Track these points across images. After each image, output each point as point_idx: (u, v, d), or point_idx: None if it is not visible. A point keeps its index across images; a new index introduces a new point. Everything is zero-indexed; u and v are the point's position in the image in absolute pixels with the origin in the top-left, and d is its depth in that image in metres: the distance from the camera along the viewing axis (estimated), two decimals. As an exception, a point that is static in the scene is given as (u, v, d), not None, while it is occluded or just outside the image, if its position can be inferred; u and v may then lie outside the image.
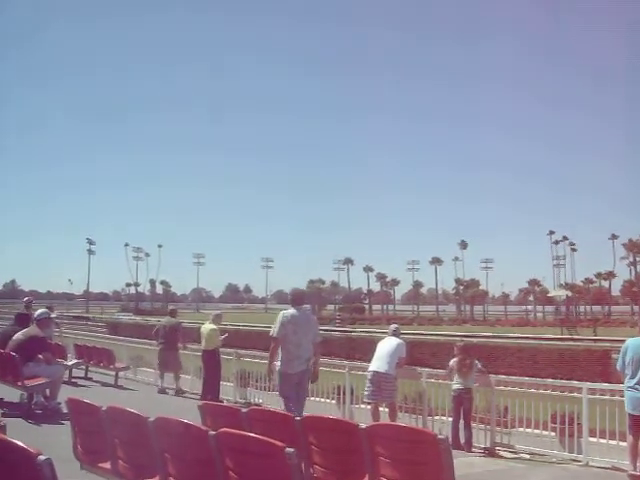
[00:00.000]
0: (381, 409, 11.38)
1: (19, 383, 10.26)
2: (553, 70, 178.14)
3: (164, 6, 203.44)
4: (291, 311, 9.36)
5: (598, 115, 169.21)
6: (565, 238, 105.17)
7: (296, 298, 9.73)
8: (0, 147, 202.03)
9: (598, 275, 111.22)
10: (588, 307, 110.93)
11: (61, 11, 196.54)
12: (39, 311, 11.71)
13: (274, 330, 9.26)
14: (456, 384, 10.76)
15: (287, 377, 9.28)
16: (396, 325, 12.47)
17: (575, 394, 9.98)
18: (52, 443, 5.04)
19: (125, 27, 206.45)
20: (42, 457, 2.90)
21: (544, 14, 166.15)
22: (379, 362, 11.17)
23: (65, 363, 14.69)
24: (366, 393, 11.34)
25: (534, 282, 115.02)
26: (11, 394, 10.85)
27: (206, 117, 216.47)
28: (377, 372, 11.09)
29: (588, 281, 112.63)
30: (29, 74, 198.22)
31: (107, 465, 4.92)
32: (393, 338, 11.54)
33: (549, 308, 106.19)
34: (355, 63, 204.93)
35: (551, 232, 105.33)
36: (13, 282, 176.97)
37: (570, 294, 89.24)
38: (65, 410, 7.90)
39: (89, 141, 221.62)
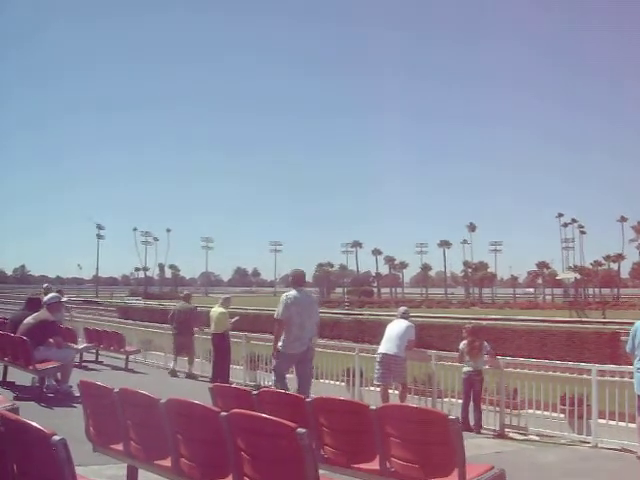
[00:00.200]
0: (390, 391, 11.41)
1: (30, 367, 10.32)
2: (555, 63, 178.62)
3: (165, 6, 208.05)
4: (293, 293, 9.39)
5: (604, 101, 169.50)
6: (574, 221, 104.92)
7: (297, 279, 9.78)
8: (13, 140, 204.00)
9: (607, 258, 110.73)
10: (597, 290, 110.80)
11: (62, 11, 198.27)
12: (49, 295, 11.75)
13: (278, 312, 9.31)
14: (466, 366, 10.76)
15: (288, 357, 9.40)
16: (405, 307, 12.47)
17: (584, 376, 9.98)
18: (64, 425, 5.09)
19: (126, 27, 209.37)
20: (57, 437, 2.93)
21: (548, 14, 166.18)
22: (388, 344, 11.17)
23: (76, 347, 14.75)
24: (376, 375, 11.36)
25: (543, 265, 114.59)
26: (23, 378, 10.92)
27: (215, 109, 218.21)
28: (386, 354, 11.11)
29: (597, 264, 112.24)
30: (41, 72, 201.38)
31: (119, 447, 4.95)
32: (402, 320, 11.53)
33: (558, 291, 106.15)
34: (361, 61, 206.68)
35: (560, 215, 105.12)
36: (23, 267, 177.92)
37: (579, 277, 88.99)
38: (76, 393, 7.95)
39: (99, 133, 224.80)
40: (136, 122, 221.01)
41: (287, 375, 9.81)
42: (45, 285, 17.66)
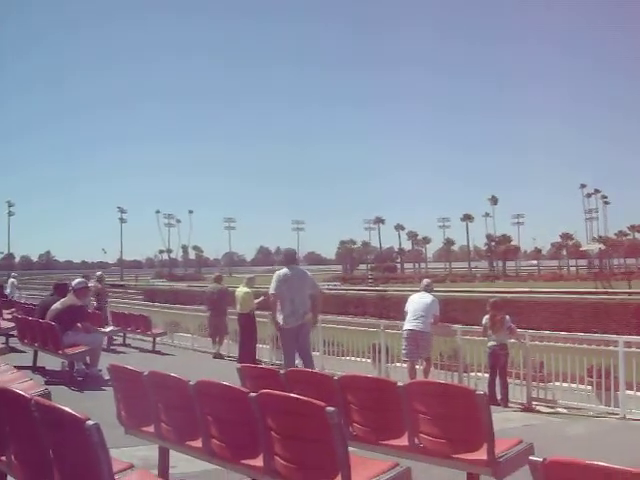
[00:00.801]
0: (418, 367, 11.44)
1: (60, 352, 10.45)
2: (589, 23, 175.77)
3: (182, 5, 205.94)
4: (284, 270, 10.21)
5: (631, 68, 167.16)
6: (597, 191, 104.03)
7: (288, 258, 10.70)
8: (39, 129, 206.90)
9: (631, 227, 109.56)
10: (622, 260, 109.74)
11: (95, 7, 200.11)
12: (76, 280, 11.85)
13: (271, 288, 10.22)
14: (490, 341, 10.76)
15: (287, 332, 10.11)
16: (429, 280, 12.43)
17: (611, 347, 9.96)
18: (95, 408, 5.14)
19: (151, 22, 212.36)
20: (90, 422, 2.97)
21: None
22: (415, 320, 11.18)
23: (103, 331, 14.90)
24: (404, 352, 11.38)
25: (566, 236, 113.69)
26: (53, 362, 11.07)
27: (236, 95, 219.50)
28: (414, 330, 11.12)
29: (621, 234, 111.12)
30: (71, 65, 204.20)
31: (150, 429, 5.01)
32: (426, 294, 11.52)
33: (582, 262, 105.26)
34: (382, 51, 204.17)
35: (583, 185, 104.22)
36: (48, 253, 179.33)
37: (603, 247, 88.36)
38: (106, 377, 8.04)
39: (123, 121, 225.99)
40: (159, 109, 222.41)
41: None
42: (98, 273, 19.05)
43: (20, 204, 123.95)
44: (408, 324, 11.25)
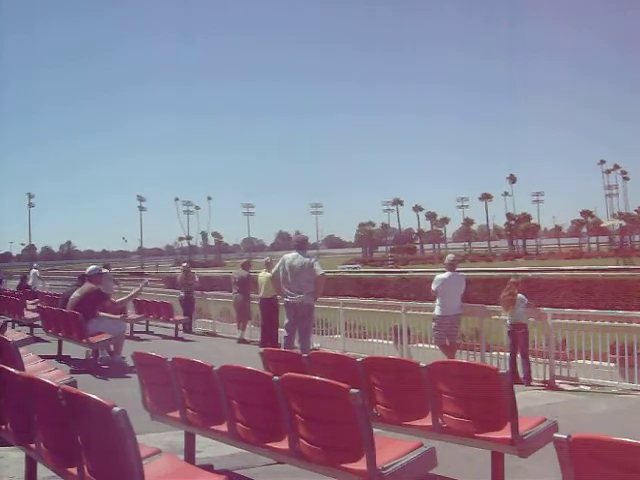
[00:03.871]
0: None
1: (84, 340, 10.54)
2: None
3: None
4: (289, 254, 10.68)
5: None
6: (616, 167, 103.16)
7: (299, 244, 10.96)
8: (54, 113, 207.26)
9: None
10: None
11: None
12: (89, 268, 11.93)
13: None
14: (508, 319, 10.73)
15: (286, 305, 10.75)
16: (453, 255, 12.29)
17: (634, 324, 9.91)
18: (120, 395, 5.19)
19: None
20: (117, 409, 3.01)
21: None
22: (457, 303, 11.24)
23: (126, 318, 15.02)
24: (442, 334, 11.26)
25: (586, 213, 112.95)
26: (77, 351, 11.17)
27: (251, 77, 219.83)
28: (459, 314, 11.19)
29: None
30: (88, 43, 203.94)
31: (176, 414, 5.05)
32: (459, 276, 11.47)
33: (603, 239, 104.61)
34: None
35: (602, 161, 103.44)
36: (69, 243, 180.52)
37: (624, 223, 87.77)
38: (130, 364, 8.10)
39: (137, 104, 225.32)
40: (174, 93, 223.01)
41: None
42: (184, 264, 20.81)
43: (40, 195, 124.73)
44: (453, 308, 11.18)
